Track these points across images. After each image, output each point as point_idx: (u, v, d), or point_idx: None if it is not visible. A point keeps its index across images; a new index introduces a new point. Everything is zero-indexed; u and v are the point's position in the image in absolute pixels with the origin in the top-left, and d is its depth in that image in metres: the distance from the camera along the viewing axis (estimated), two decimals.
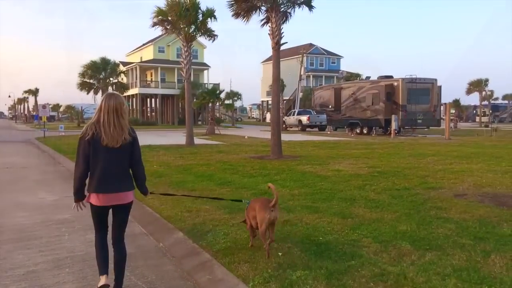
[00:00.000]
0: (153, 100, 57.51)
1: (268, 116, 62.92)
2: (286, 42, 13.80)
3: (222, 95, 45.02)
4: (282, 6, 13.11)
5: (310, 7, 13.34)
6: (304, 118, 36.81)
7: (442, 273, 3.80)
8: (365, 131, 28.98)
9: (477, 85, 51.70)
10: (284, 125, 35.75)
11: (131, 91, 51.39)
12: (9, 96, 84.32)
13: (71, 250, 4.96)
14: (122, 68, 47.53)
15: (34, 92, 66.90)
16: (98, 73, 39.59)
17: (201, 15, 18.64)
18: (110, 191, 3.53)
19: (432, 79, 27.49)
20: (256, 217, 4.31)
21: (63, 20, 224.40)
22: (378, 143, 20.00)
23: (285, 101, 53.28)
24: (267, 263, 4.09)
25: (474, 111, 65.45)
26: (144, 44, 58.16)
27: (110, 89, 42.29)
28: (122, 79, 45.23)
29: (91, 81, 39.85)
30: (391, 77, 28.15)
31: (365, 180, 8.80)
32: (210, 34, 19.51)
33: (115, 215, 3.70)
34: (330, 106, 32.80)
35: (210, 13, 18.69)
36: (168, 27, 18.79)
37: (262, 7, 13.13)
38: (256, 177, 9.31)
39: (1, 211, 6.88)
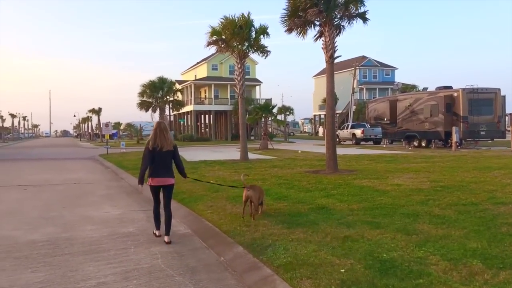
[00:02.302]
0: (206, 116, 59.00)
1: (320, 130, 62.43)
2: (340, 56, 13.72)
3: (274, 110, 45.33)
4: (335, 20, 13.04)
5: (365, 20, 13.12)
6: (358, 132, 36.12)
7: None
8: (423, 144, 27.95)
9: None
10: (337, 139, 35.23)
11: (186, 108, 53.01)
12: (74, 116, 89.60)
13: (137, 262, 5.14)
14: (178, 86, 49.26)
15: (97, 112, 70.57)
16: (156, 92, 41.09)
17: (254, 32, 18.91)
18: (159, 176, 5.98)
19: (495, 88, 26.14)
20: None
21: (124, 43, 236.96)
22: (438, 156, 19.17)
23: (338, 115, 52.62)
24: (330, 279, 4.01)
25: None
26: (198, 63, 60.07)
27: (167, 107, 44.06)
28: (178, 97, 46.84)
29: (150, 99, 41.46)
30: (450, 87, 27.09)
31: (427, 195, 8.45)
32: (263, 50, 19.74)
33: (163, 192, 6.11)
34: (385, 119, 32.01)
35: (263, 30, 18.94)
36: (222, 46, 19.23)
37: (316, 22, 13.11)
38: (313, 192, 9.21)
39: (72, 225, 7.28)
